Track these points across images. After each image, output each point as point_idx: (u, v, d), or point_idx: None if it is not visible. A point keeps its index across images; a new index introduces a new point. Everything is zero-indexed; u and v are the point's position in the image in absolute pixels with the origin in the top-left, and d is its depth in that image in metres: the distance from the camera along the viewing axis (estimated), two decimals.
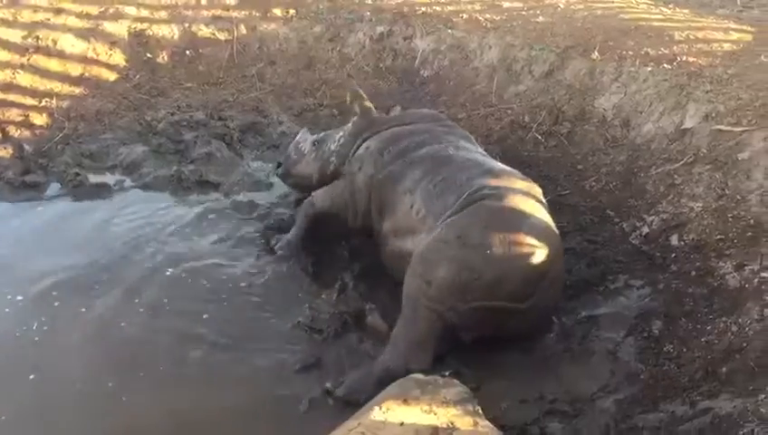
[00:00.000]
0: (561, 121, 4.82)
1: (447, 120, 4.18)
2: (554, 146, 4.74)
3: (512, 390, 3.01)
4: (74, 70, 5.67)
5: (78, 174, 4.65)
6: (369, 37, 6.10)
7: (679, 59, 4.71)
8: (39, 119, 5.23)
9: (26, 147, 4.93)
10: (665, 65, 4.67)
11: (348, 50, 6.13)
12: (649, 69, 4.67)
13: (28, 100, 5.38)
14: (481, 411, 2.47)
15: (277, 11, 6.35)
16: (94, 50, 5.81)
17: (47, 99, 5.41)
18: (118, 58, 5.86)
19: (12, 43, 5.66)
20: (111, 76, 5.74)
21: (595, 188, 4.31)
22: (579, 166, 4.53)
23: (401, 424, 2.36)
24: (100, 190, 4.59)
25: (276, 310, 3.59)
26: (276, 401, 3.02)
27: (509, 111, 5.07)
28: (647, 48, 4.93)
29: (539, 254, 3.01)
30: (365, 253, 3.95)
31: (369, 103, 4.24)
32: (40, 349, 3.26)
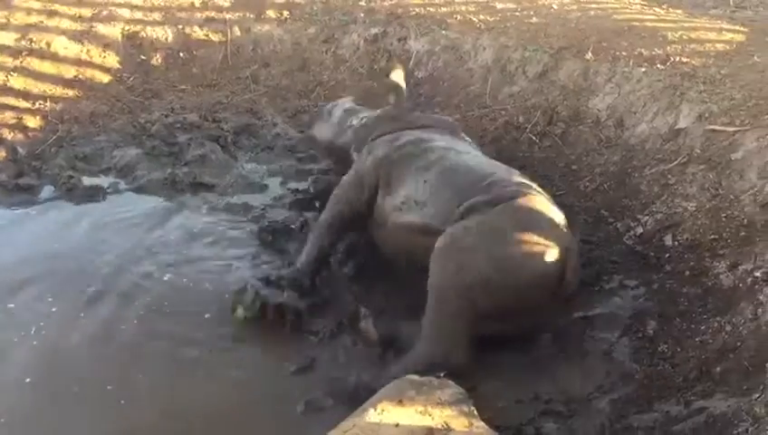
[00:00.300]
0: (555, 122, 4.83)
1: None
2: (549, 146, 4.74)
3: (507, 390, 3.02)
4: (68, 72, 5.64)
5: (72, 177, 4.63)
6: (364, 39, 6.10)
7: (673, 59, 4.73)
8: (32, 121, 5.21)
9: (20, 149, 4.91)
10: (658, 66, 4.68)
11: (342, 51, 6.13)
12: (643, 69, 4.68)
13: (21, 102, 5.34)
14: (476, 412, 2.47)
15: (271, 12, 6.35)
16: (88, 52, 5.79)
17: (40, 101, 5.38)
18: (111, 60, 5.84)
19: (5, 46, 5.63)
20: (105, 78, 5.72)
21: (589, 188, 4.32)
22: (573, 166, 4.53)
23: (396, 425, 2.36)
24: (93, 193, 4.56)
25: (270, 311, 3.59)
26: (272, 403, 3.02)
27: (503, 111, 5.08)
28: (640, 49, 4.95)
29: (567, 251, 3.13)
30: (359, 254, 3.96)
31: (403, 97, 4.32)
32: (37, 354, 3.24)
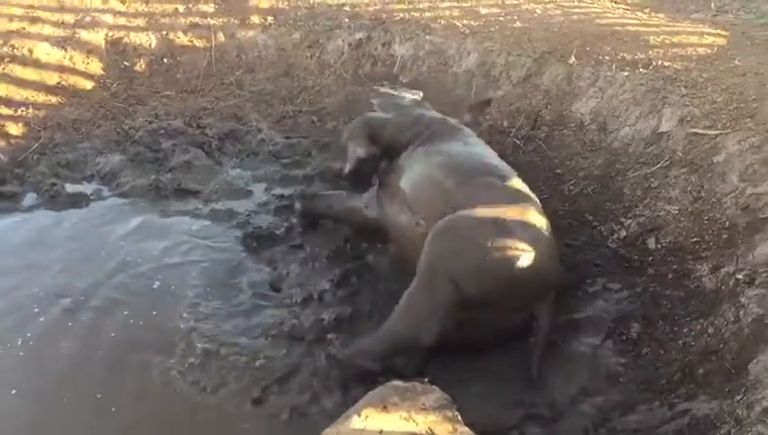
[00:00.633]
0: (539, 126, 4.85)
1: None
2: (533, 151, 4.76)
3: (492, 394, 3.03)
4: (50, 79, 5.60)
5: (54, 184, 4.60)
6: (348, 44, 6.10)
7: (655, 63, 4.76)
8: (15, 128, 5.16)
9: (2, 157, 4.86)
10: (641, 70, 4.71)
11: (327, 56, 6.12)
12: (626, 73, 4.71)
13: (3, 109, 5.28)
14: (460, 417, 2.47)
15: (255, 18, 6.33)
16: (71, 59, 5.75)
17: (23, 108, 5.33)
18: (95, 66, 5.80)
19: None
20: (88, 85, 5.68)
21: (573, 191, 4.34)
22: (557, 170, 4.55)
23: (380, 432, 2.35)
24: (77, 200, 4.53)
25: (256, 317, 3.58)
26: (256, 410, 3.01)
27: (488, 116, 5.09)
28: (623, 53, 4.97)
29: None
30: (346, 259, 3.96)
31: None
32: (26, 363, 3.23)
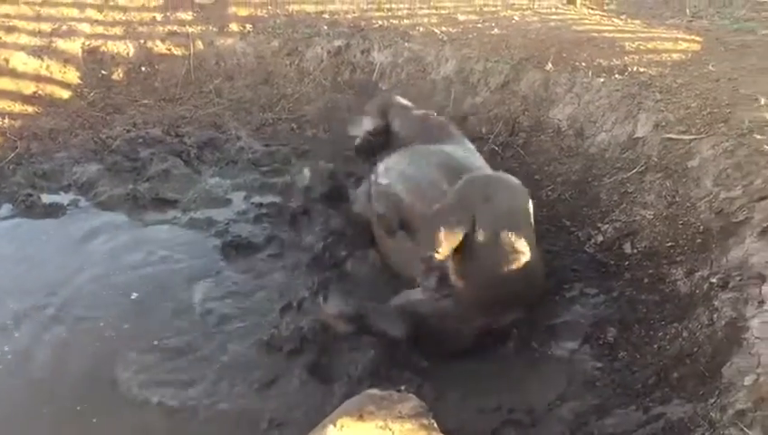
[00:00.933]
0: (517, 132, 4.88)
1: None
2: (511, 157, 4.79)
3: (470, 401, 3.03)
4: (27, 88, 5.56)
5: (30, 194, 4.55)
6: (327, 51, 6.12)
7: (630, 69, 4.81)
8: None
9: None
10: (617, 76, 4.76)
11: (306, 64, 6.13)
12: (602, 79, 4.75)
13: None
14: (436, 425, 2.47)
15: (234, 26, 6.34)
16: (47, 68, 5.72)
17: None
18: (72, 76, 5.77)
19: None
20: (65, 94, 5.65)
21: (551, 197, 4.37)
22: (535, 176, 4.58)
23: None
24: (53, 211, 4.48)
25: (235, 326, 3.56)
26: (234, 420, 3.00)
27: (466, 122, 5.11)
28: (599, 59, 5.02)
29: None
30: (325, 267, 3.95)
31: None
32: (4, 378, 3.19)
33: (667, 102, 4.32)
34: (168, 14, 6.37)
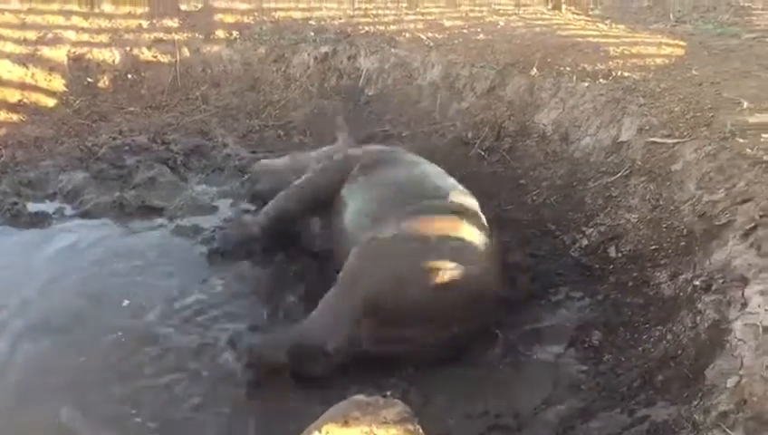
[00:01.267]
0: (502, 137, 4.90)
1: None
2: (497, 161, 4.81)
3: (457, 406, 3.02)
4: (12, 96, 5.55)
5: (16, 203, 4.53)
6: (314, 58, 6.13)
7: (614, 74, 4.85)
8: None
9: None
10: (601, 80, 4.79)
11: (292, 70, 6.15)
12: (586, 84, 4.78)
13: None
14: (422, 430, 2.47)
15: (220, 33, 6.35)
16: (33, 76, 5.71)
17: None
18: (57, 83, 5.76)
19: None
20: (51, 102, 5.64)
21: (537, 202, 4.39)
22: (521, 180, 4.60)
23: None
24: (39, 219, 4.46)
25: (222, 333, 3.51)
26: (220, 428, 2.97)
27: (452, 127, 5.14)
28: (583, 64, 5.06)
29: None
30: (312, 273, 3.94)
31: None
32: None
33: (651, 106, 4.35)
34: (155, 21, 6.37)
